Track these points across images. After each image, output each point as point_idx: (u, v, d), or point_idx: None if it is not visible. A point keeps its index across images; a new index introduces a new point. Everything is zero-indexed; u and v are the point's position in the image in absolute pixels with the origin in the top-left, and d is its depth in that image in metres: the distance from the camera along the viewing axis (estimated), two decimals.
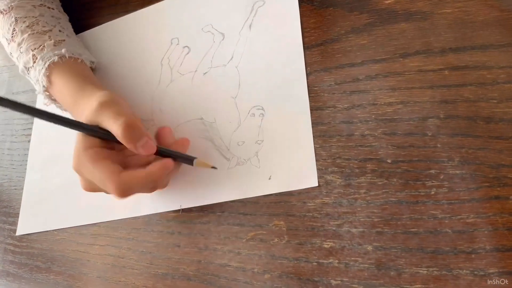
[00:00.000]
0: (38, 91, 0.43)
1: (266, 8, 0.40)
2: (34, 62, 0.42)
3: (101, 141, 0.34)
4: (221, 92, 0.39)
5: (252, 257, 0.33)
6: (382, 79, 0.33)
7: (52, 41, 0.42)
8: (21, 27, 0.43)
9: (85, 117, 0.34)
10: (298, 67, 0.36)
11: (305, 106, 0.35)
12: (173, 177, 0.37)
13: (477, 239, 0.27)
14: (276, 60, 0.37)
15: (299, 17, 0.38)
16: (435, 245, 0.28)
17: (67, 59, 0.41)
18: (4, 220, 0.50)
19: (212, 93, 0.40)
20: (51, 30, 0.44)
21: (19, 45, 0.43)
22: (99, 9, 0.51)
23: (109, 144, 0.35)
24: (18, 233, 0.47)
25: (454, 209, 0.28)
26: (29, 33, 0.43)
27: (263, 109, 0.36)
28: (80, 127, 0.34)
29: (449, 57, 0.31)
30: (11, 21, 0.44)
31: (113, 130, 0.32)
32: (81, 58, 0.43)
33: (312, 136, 0.34)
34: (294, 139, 0.34)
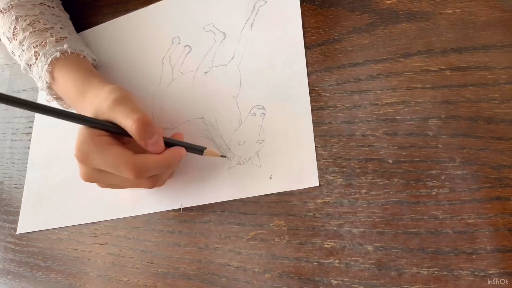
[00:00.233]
0: (41, 87, 0.43)
1: (267, 7, 0.40)
2: (37, 58, 0.42)
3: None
4: (222, 92, 0.39)
5: (252, 256, 0.33)
6: (384, 79, 0.33)
7: (54, 37, 0.42)
8: (22, 25, 0.43)
9: (93, 109, 0.34)
10: (299, 66, 0.36)
11: (306, 106, 0.35)
12: (174, 171, 0.38)
13: (478, 239, 0.27)
14: (277, 60, 0.37)
15: (300, 16, 0.38)
16: (436, 245, 0.28)
17: (69, 54, 0.41)
18: (4, 219, 0.50)
19: (213, 92, 0.39)
20: (52, 28, 0.44)
21: (20, 43, 0.43)
22: (100, 7, 0.51)
23: (115, 136, 0.35)
24: (18, 231, 0.47)
25: (455, 209, 0.28)
26: (31, 30, 0.43)
27: (264, 108, 0.36)
28: (86, 121, 0.33)
29: (450, 57, 0.31)
30: (12, 20, 0.44)
31: (127, 126, 0.33)
32: (83, 54, 0.43)
33: (313, 136, 0.34)
34: (295, 138, 0.34)
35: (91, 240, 0.42)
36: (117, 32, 0.48)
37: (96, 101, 0.35)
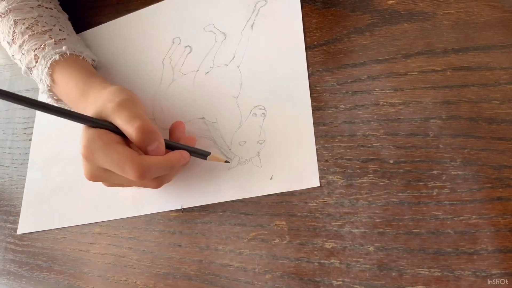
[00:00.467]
0: (42, 90, 0.43)
1: (268, 8, 0.40)
2: (36, 62, 0.42)
3: None
4: (222, 92, 0.39)
5: (253, 257, 0.33)
6: (384, 79, 0.33)
7: (53, 40, 0.42)
8: (21, 29, 0.43)
9: (96, 110, 0.34)
10: (300, 67, 0.36)
11: (307, 106, 0.35)
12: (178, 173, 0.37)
13: (479, 240, 0.27)
14: (278, 60, 0.37)
15: (301, 17, 0.38)
16: (437, 246, 0.28)
17: (68, 56, 0.41)
18: (5, 219, 0.50)
19: (213, 92, 0.39)
20: (51, 30, 0.44)
21: (20, 47, 0.43)
22: (101, 8, 0.51)
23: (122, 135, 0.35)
24: (19, 232, 0.47)
25: (456, 210, 0.28)
26: (29, 34, 0.43)
27: (264, 109, 0.36)
28: (88, 120, 0.33)
29: (451, 57, 0.31)
30: (10, 24, 0.44)
31: (127, 132, 0.33)
32: (83, 55, 0.43)
33: (314, 136, 0.34)
34: (295, 139, 0.34)
35: (91, 240, 0.42)
36: (117, 33, 0.48)
37: (99, 102, 0.35)
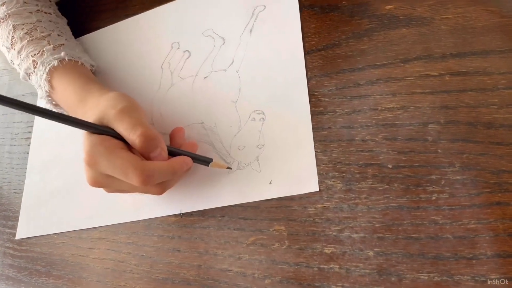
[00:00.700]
0: (41, 96, 0.43)
1: (266, 12, 0.40)
2: (35, 67, 0.42)
3: None
4: (221, 97, 0.39)
5: (252, 262, 0.33)
6: (383, 84, 0.33)
7: (51, 45, 0.42)
8: (20, 34, 0.43)
9: (97, 116, 0.34)
10: (298, 72, 0.36)
11: (306, 111, 0.35)
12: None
13: (478, 245, 0.27)
14: (277, 65, 0.37)
15: (299, 22, 0.38)
16: (436, 250, 0.28)
17: (67, 62, 0.41)
18: (3, 224, 0.49)
19: (212, 97, 0.40)
20: (49, 35, 0.44)
21: (19, 52, 0.43)
22: (99, 12, 0.51)
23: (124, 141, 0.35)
24: (17, 236, 0.47)
25: (455, 214, 0.28)
26: (28, 39, 0.43)
27: (263, 113, 0.37)
28: (89, 126, 0.33)
29: (449, 62, 0.31)
30: (9, 29, 0.44)
31: (130, 140, 0.33)
32: (81, 61, 0.43)
33: (312, 140, 0.34)
34: (294, 143, 0.34)
35: (90, 245, 0.42)
36: (116, 37, 0.48)
37: (99, 108, 0.34)
